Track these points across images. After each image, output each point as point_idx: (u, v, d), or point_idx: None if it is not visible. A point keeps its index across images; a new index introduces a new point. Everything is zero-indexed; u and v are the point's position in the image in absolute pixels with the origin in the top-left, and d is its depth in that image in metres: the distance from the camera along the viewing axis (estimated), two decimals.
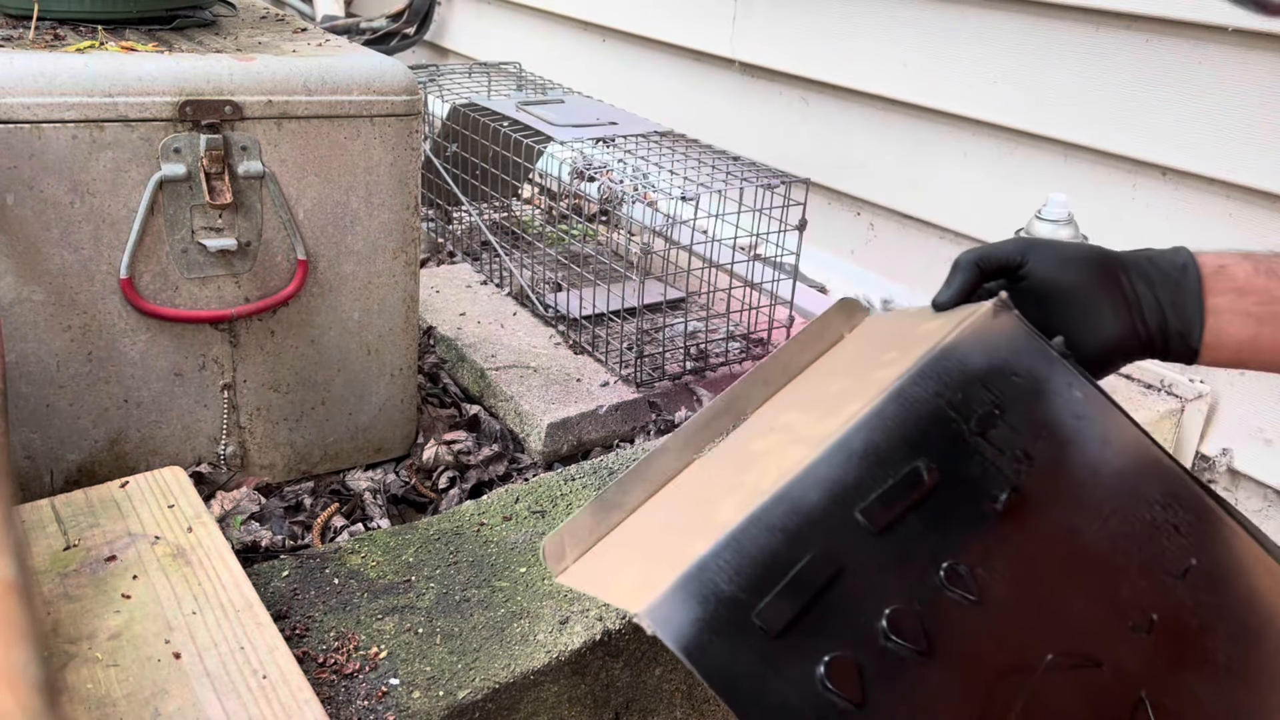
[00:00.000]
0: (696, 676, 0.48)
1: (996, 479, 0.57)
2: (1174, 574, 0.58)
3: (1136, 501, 0.59)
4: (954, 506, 0.56)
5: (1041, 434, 0.60)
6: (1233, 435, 1.26)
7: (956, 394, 0.59)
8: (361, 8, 2.77)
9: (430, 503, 1.07)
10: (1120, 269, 0.68)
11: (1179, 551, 0.59)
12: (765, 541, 0.52)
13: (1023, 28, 1.34)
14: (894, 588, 0.53)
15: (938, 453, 0.57)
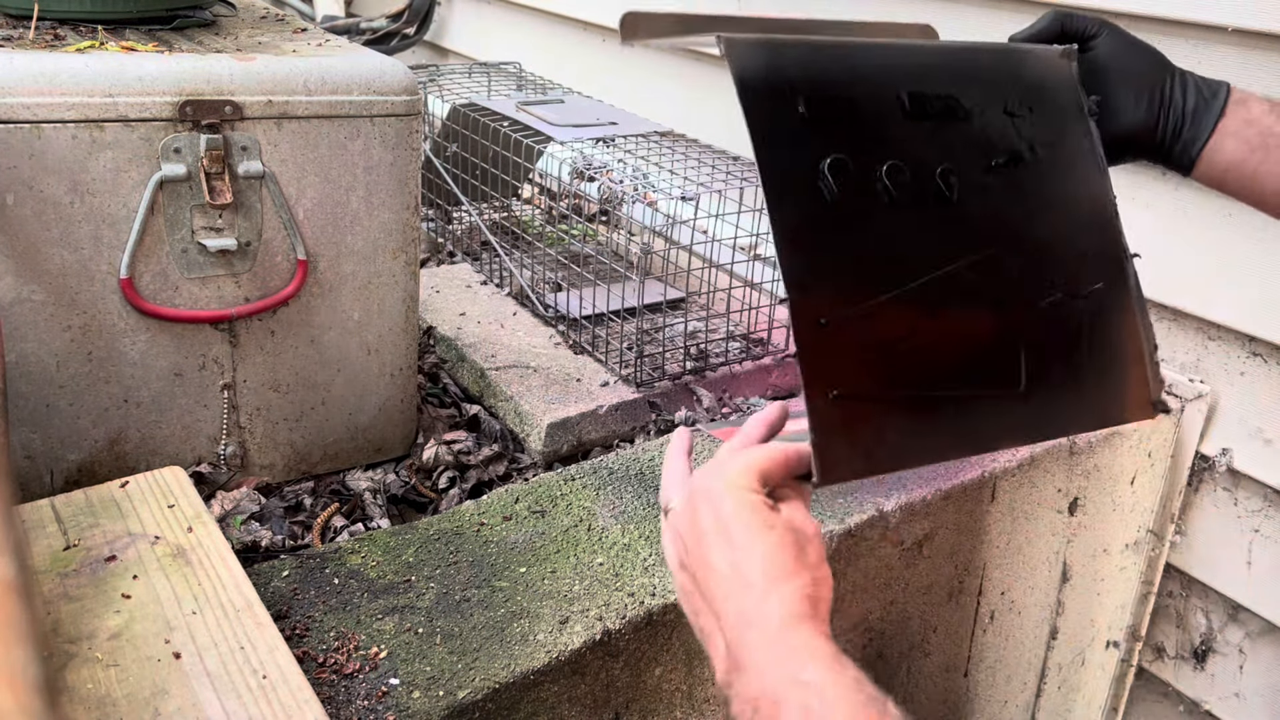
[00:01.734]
0: (741, 111, 0.61)
1: (1004, 144, 0.74)
2: (1070, 293, 0.76)
3: (1077, 229, 0.79)
4: (970, 140, 0.72)
5: (1050, 144, 0.77)
6: (1233, 435, 1.26)
7: (1009, 78, 0.79)
8: (361, 8, 2.77)
9: (430, 503, 1.07)
10: (1169, 73, 0.83)
11: (1080, 276, 0.77)
12: (834, 64, 0.69)
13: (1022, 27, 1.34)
14: (899, 151, 0.67)
15: (979, 99, 0.74)
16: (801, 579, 0.63)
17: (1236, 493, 1.27)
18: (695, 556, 0.66)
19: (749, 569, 0.63)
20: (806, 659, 0.59)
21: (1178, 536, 1.34)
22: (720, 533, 0.65)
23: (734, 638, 0.62)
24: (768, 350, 1.31)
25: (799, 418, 0.66)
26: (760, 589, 0.62)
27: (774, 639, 0.61)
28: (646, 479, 0.98)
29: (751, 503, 0.65)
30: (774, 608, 0.61)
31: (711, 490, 0.67)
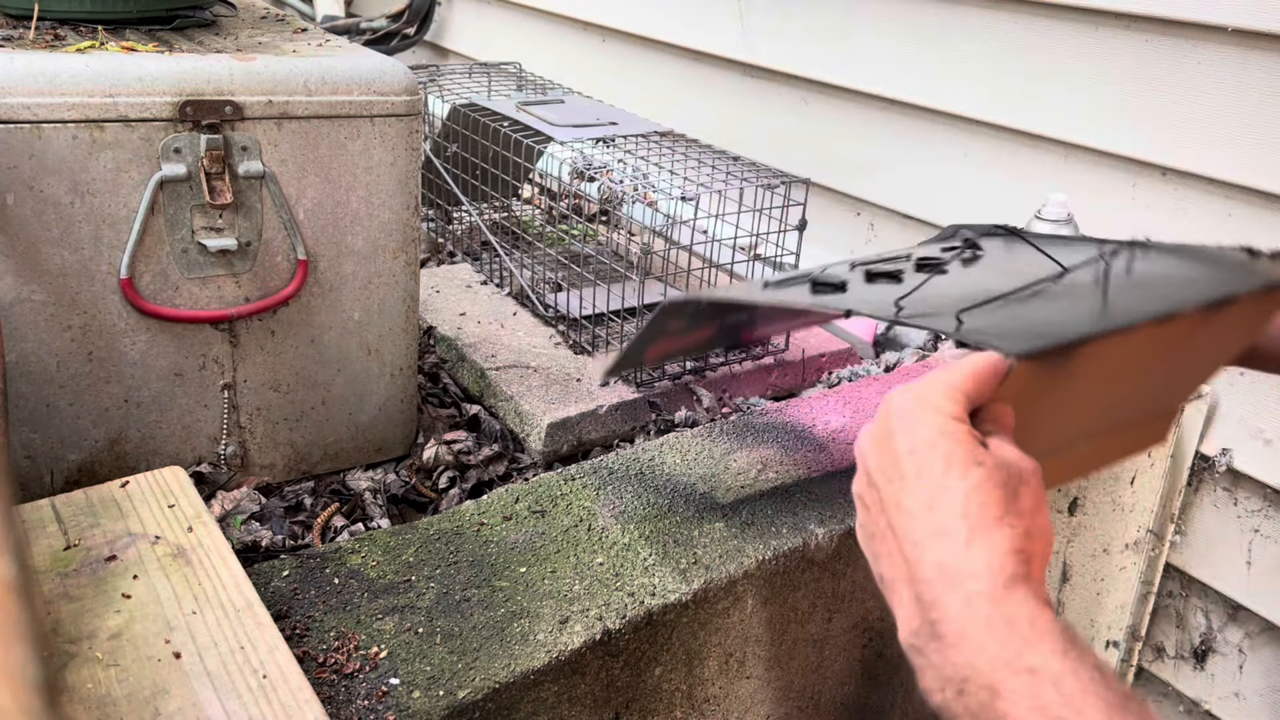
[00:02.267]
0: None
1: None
2: None
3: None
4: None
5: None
6: (1233, 435, 1.26)
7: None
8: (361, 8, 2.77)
9: (430, 503, 1.07)
10: None
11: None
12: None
13: (1023, 27, 1.34)
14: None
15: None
16: (1013, 528, 0.53)
17: (1236, 493, 1.27)
18: (883, 489, 0.58)
19: (947, 512, 0.53)
20: (1031, 638, 0.49)
21: (1178, 536, 1.34)
22: (914, 466, 0.56)
23: (930, 596, 0.52)
24: (768, 350, 1.31)
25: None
26: (962, 538, 0.52)
27: (984, 608, 0.51)
28: (646, 479, 0.98)
29: (954, 431, 0.56)
30: (979, 564, 0.52)
31: (907, 411, 0.58)
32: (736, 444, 1.05)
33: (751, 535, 0.90)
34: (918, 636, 0.53)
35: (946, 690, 0.51)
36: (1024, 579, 0.52)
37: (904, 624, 0.55)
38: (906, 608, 0.54)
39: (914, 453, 0.56)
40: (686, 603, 0.83)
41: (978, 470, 0.54)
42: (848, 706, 1.02)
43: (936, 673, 0.52)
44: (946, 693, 0.51)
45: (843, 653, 0.99)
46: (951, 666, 0.51)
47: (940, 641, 0.51)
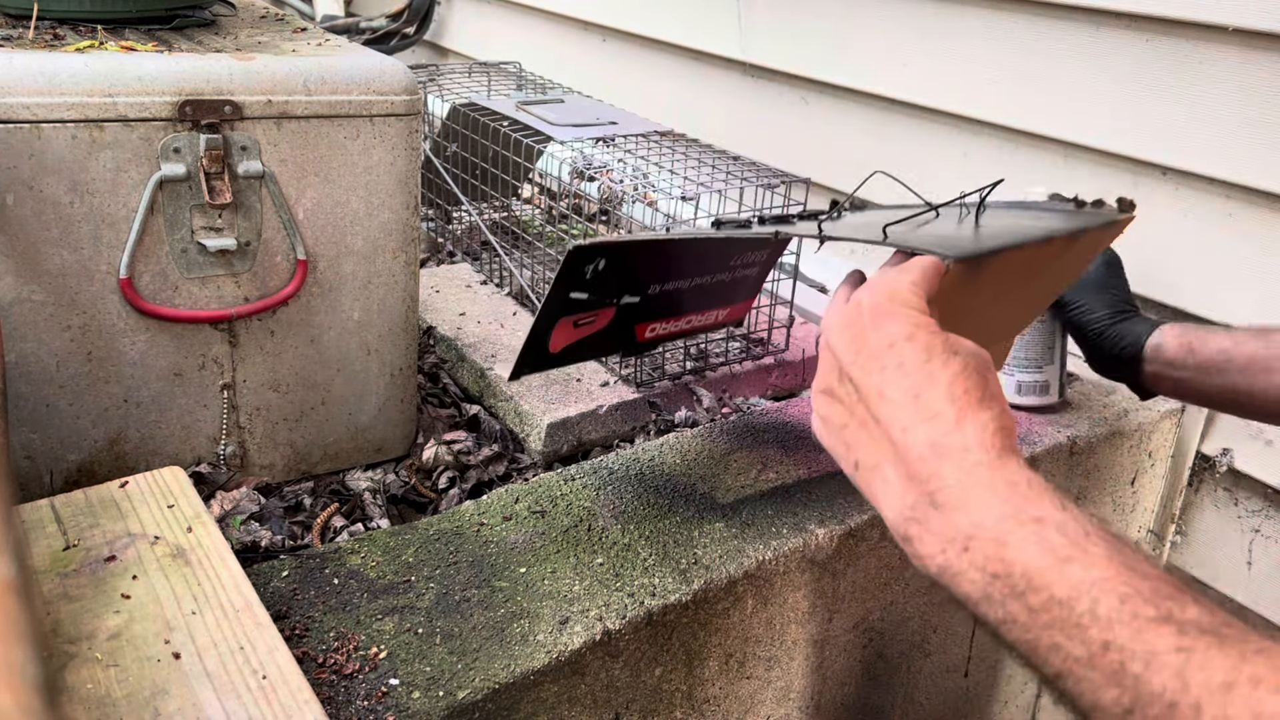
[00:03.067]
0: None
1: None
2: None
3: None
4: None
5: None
6: (1233, 435, 1.26)
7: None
8: (361, 7, 2.77)
9: (430, 503, 1.07)
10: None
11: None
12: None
13: (1023, 27, 1.34)
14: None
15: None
16: (993, 408, 0.57)
17: (1237, 493, 1.27)
18: (861, 381, 0.61)
19: (933, 397, 0.57)
20: (1031, 495, 0.53)
21: (1178, 537, 1.34)
22: (895, 358, 0.59)
23: (926, 471, 0.56)
24: (768, 350, 1.31)
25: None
26: (951, 418, 0.56)
27: (982, 473, 0.54)
28: (646, 479, 0.98)
29: (927, 324, 0.60)
30: (971, 438, 0.55)
31: (881, 309, 0.61)
32: (736, 444, 1.05)
33: (751, 535, 0.90)
34: (914, 509, 0.56)
35: (949, 550, 0.53)
36: (1013, 450, 0.56)
37: (894, 504, 0.57)
38: (897, 487, 0.57)
39: (893, 346, 0.60)
40: (686, 603, 0.82)
41: (956, 359, 0.58)
42: (848, 707, 1.02)
43: (937, 538, 0.54)
44: (949, 553, 0.53)
45: (843, 653, 0.99)
46: (954, 528, 0.54)
47: (940, 509, 0.54)
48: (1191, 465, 1.29)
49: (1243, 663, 0.43)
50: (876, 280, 0.65)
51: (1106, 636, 0.47)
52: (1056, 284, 0.97)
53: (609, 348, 0.97)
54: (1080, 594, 0.48)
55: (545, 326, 0.88)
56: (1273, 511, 1.24)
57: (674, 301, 0.98)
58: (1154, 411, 1.23)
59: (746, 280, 1.07)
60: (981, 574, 0.52)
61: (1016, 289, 0.86)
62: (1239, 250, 1.19)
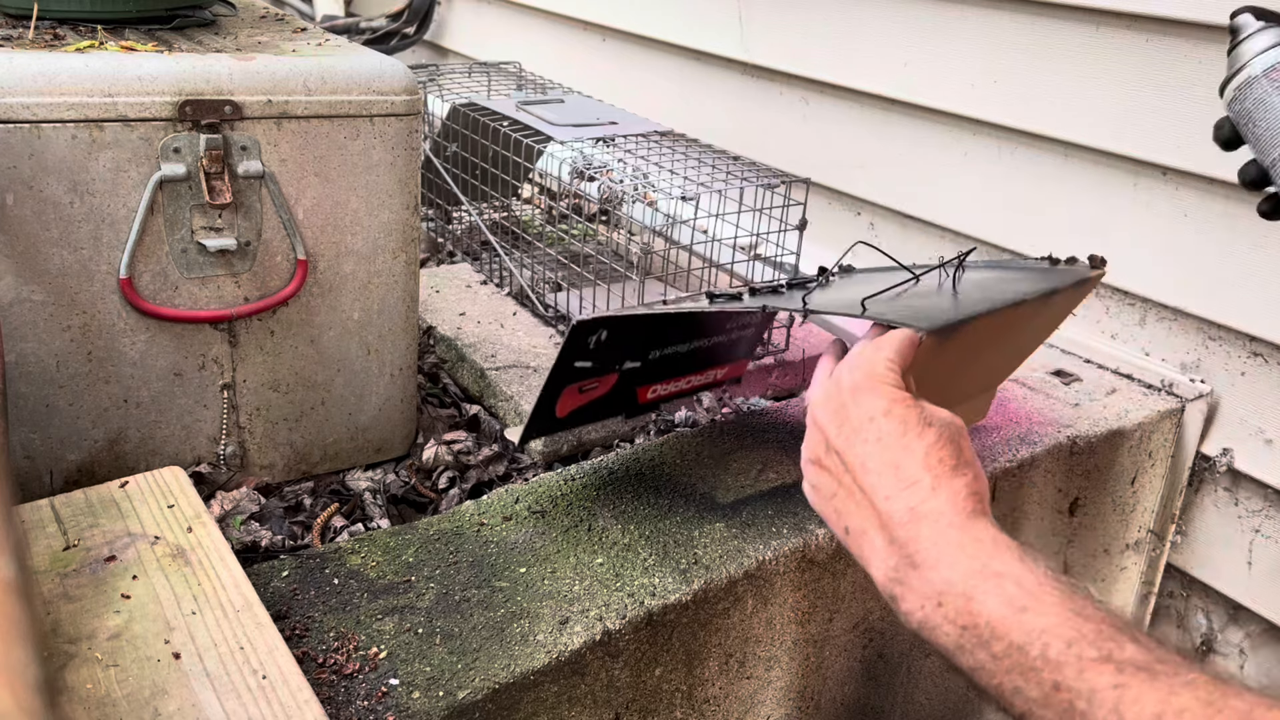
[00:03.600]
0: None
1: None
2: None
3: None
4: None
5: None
6: (1233, 435, 1.26)
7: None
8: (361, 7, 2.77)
9: (430, 503, 1.07)
10: None
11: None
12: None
13: (1023, 27, 1.34)
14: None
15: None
16: (966, 475, 0.63)
17: (1237, 493, 1.27)
18: (846, 454, 0.66)
19: (910, 467, 0.63)
20: (994, 551, 0.58)
21: (1178, 537, 1.34)
22: (875, 432, 0.65)
23: (905, 535, 0.61)
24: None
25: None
26: (928, 485, 0.62)
27: (953, 534, 0.60)
28: (646, 479, 0.98)
29: (903, 399, 0.66)
30: (945, 504, 0.61)
31: (860, 386, 0.67)
32: (736, 444, 1.05)
33: (751, 535, 0.90)
34: (897, 570, 0.61)
35: (926, 606, 0.59)
36: (983, 513, 0.62)
37: (880, 566, 0.63)
38: (881, 551, 0.63)
39: (873, 420, 0.65)
40: (686, 603, 0.82)
41: (930, 431, 0.64)
42: (848, 707, 1.02)
43: (916, 595, 0.59)
44: (926, 608, 0.59)
45: (843, 653, 0.99)
46: (929, 585, 0.59)
47: (918, 569, 0.60)
48: (1192, 465, 1.29)
49: (1171, 696, 0.48)
50: (855, 357, 0.70)
51: (1056, 677, 0.51)
52: (1034, 339, 1.04)
53: (611, 410, 1.01)
54: (1033, 639, 0.53)
55: (552, 394, 0.92)
56: (1273, 511, 1.24)
57: (673, 364, 1.02)
58: (1154, 411, 1.23)
59: (743, 340, 1.10)
60: (954, 627, 0.57)
61: (993, 347, 0.93)
62: (1238, 250, 1.19)
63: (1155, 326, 1.30)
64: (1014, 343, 0.99)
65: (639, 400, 1.01)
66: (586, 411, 0.97)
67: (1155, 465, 1.27)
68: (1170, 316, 1.29)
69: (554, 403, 0.93)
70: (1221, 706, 0.47)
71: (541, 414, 0.93)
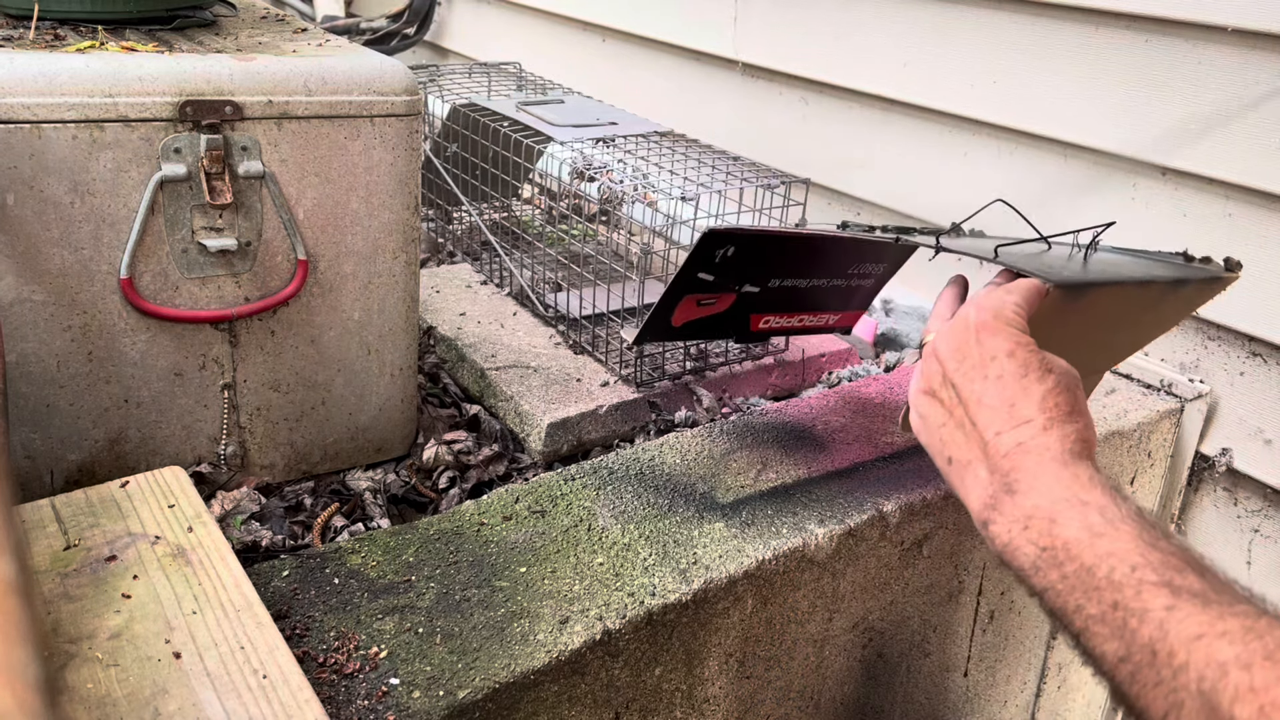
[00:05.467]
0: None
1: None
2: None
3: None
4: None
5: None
6: (1233, 435, 1.26)
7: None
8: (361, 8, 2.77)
9: (430, 503, 1.07)
10: None
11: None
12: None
13: (1022, 27, 1.34)
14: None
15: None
16: (1079, 422, 0.65)
17: (1236, 493, 1.27)
18: (963, 388, 0.68)
19: (1026, 407, 0.65)
20: (1087, 485, 0.61)
21: None
22: (995, 370, 0.67)
23: (1008, 464, 0.63)
24: (768, 350, 1.31)
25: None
26: (1040, 424, 0.64)
27: (1054, 467, 0.62)
28: (647, 479, 0.98)
29: (1027, 343, 0.67)
30: (1054, 441, 0.63)
31: (986, 325, 0.69)
32: (736, 444, 1.05)
33: (751, 535, 0.90)
34: (994, 498, 0.63)
35: (1013, 528, 0.61)
36: (1088, 456, 0.64)
37: (978, 495, 0.65)
38: (982, 481, 0.65)
39: (995, 359, 0.67)
40: (686, 603, 0.83)
41: (1050, 376, 0.66)
42: (848, 706, 1.02)
43: (1006, 519, 0.62)
44: (1013, 530, 0.61)
45: (843, 653, 0.99)
46: (1020, 509, 0.61)
47: (1013, 494, 0.62)
48: (1191, 465, 1.29)
49: (1218, 620, 0.50)
50: (983, 297, 0.72)
51: (1116, 596, 0.54)
52: (1151, 330, 1.01)
53: (723, 331, 1.01)
54: (1101, 562, 0.56)
55: (672, 300, 0.92)
56: (1272, 511, 1.24)
57: (791, 297, 1.01)
58: (1153, 411, 1.23)
59: (861, 290, 1.09)
60: (1034, 547, 0.60)
61: (1110, 326, 0.91)
62: (1238, 250, 1.19)
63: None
64: (1133, 326, 0.96)
65: (751, 327, 1.01)
66: (700, 326, 0.97)
67: (1154, 465, 1.27)
68: None
69: (671, 310, 0.92)
70: (1261, 632, 0.49)
71: (659, 318, 0.93)
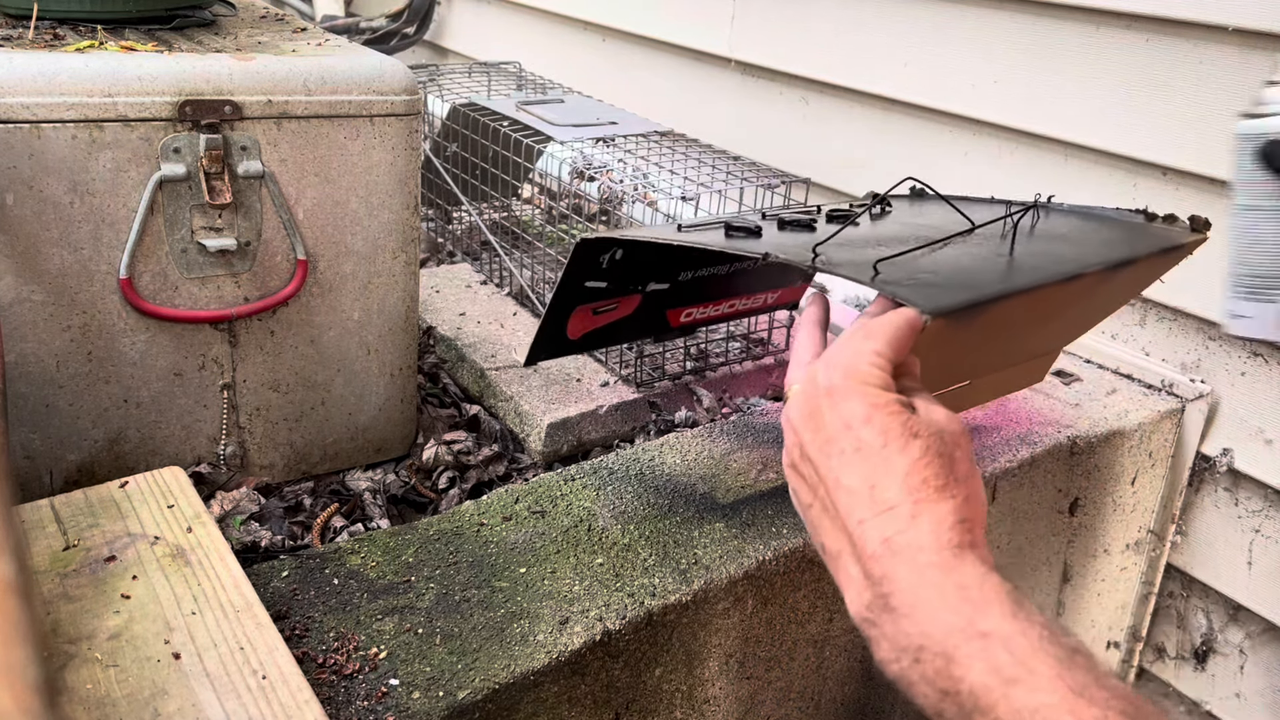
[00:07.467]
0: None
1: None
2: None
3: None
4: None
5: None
6: (1233, 435, 1.26)
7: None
8: (361, 7, 2.77)
9: (430, 503, 1.07)
10: None
11: None
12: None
13: (1023, 27, 1.34)
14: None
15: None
16: (954, 498, 0.54)
17: (1237, 493, 1.27)
18: (820, 465, 0.58)
19: (888, 488, 0.54)
20: (982, 604, 0.50)
21: (1178, 537, 1.34)
22: (852, 442, 0.56)
23: (879, 571, 0.53)
24: (768, 350, 1.31)
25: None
26: (906, 512, 0.53)
27: (933, 576, 0.51)
28: (646, 479, 0.98)
29: (886, 403, 0.56)
30: (926, 536, 0.53)
31: (837, 389, 0.58)
32: (736, 444, 1.05)
33: (751, 535, 0.90)
34: (870, 610, 0.54)
35: (902, 659, 0.51)
36: (970, 545, 0.53)
37: (854, 598, 0.55)
38: (856, 583, 0.55)
39: (849, 428, 0.57)
40: (687, 603, 0.82)
41: (916, 444, 0.55)
42: (848, 707, 1.02)
43: (891, 643, 0.52)
44: (903, 662, 0.51)
45: (843, 653, 0.99)
46: (906, 636, 0.51)
47: (893, 614, 0.52)
48: (1192, 465, 1.29)
49: None
50: (837, 349, 0.61)
51: None
52: (1109, 304, 0.92)
53: (639, 333, 0.94)
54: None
55: (560, 314, 0.86)
56: (1273, 512, 1.24)
57: (713, 286, 0.94)
58: (1154, 411, 1.23)
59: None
60: (932, 688, 0.50)
61: (1047, 319, 0.82)
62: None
63: (1155, 326, 1.30)
64: (1078, 310, 0.86)
65: (671, 324, 0.94)
66: (605, 333, 0.90)
67: (1155, 465, 1.27)
68: (1170, 316, 1.29)
69: (564, 323, 0.86)
70: None
71: (550, 334, 0.86)
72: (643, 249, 0.84)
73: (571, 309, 0.85)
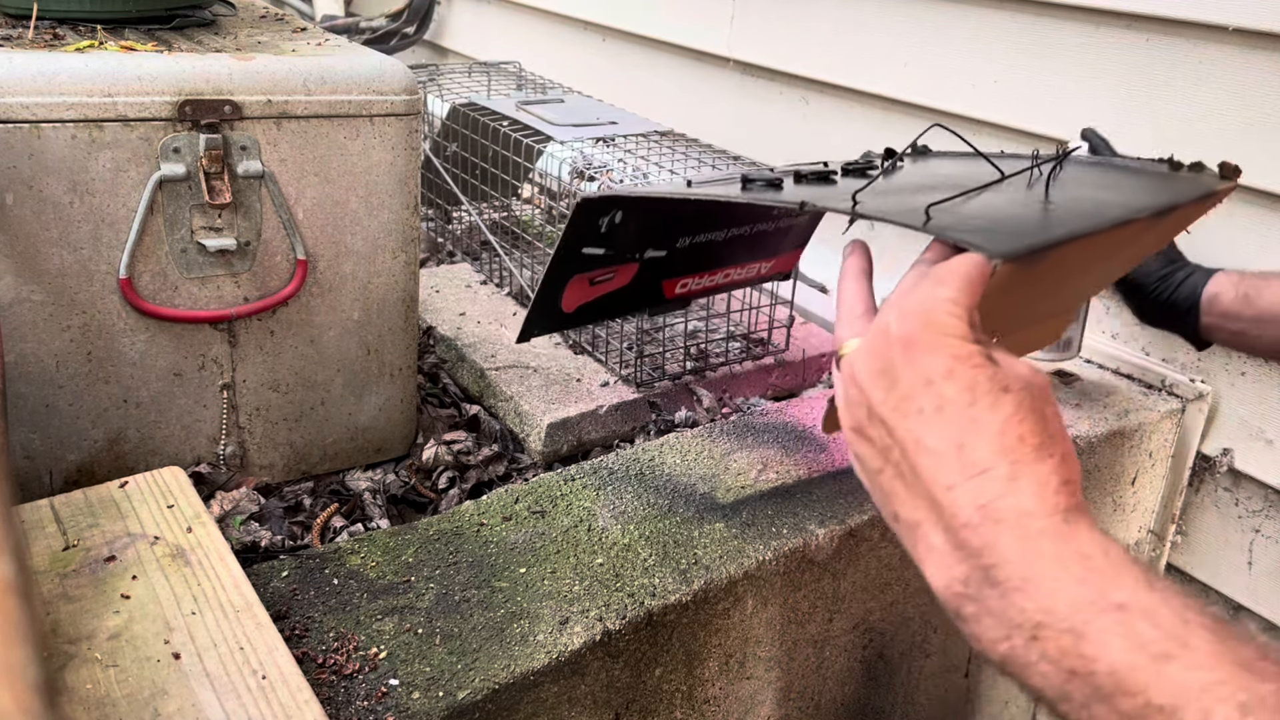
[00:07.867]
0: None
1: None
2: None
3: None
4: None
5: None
6: (1233, 435, 1.25)
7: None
8: (361, 7, 2.77)
9: (430, 503, 1.07)
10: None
11: None
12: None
13: (1023, 27, 1.34)
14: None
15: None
16: (1052, 457, 0.48)
17: (1237, 493, 1.27)
18: (895, 426, 0.52)
19: (980, 449, 0.48)
20: (1111, 573, 0.44)
21: (1178, 537, 1.34)
22: (933, 400, 0.50)
23: (976, 540, 0.47)
24: (768, 350, 1.31)
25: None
26: (1004, 473, 0.47)
27: (1048, 546, 0.46)
28: (646, 479, 0.98)
29: (970, 356, 0.50)
30: (1030, 500, 0.47)
31: (914, 340, 0.52)
32: (736, 444, 1.05)
33: (751, 535, 0.90)
34: (967, 585, 0.47)
35: (1015, 638, 0.45)
36: (1082, 509, 0.47)
37: (941, 572, 0.49)
38: (943, 554, 0.49)
39: (931, 384, 0.51)
40: (687, 603, 0.82)
41: (1007, 399, 0.49)
42: (848, 707, 1.02)
43: (999, 620, 0.46)
44: (1014, 640, 0.45)
45: (843, 653, 0.99)
46: (1020, 613, 0.45)
47: (999, 588, 0.46)
48: (1192, 465, 1.29)
49: None
50: (906, 296, 0.54)
51: None
52: (1134, 258, 0.86)
53: (633, 305, 0.88)
54: (1187, 702, 0.40)
55: (556, 285, 0.80)
56: (1273, 511, 1.24)
57: (708, 254, 0.89)
58: (1154, 411, 1.23)
59: (794, 229, 0.95)
60: (1055, 669, 0.44)
61: (1083, 271, 0.77)
62: (1238, 249, 1.19)
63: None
64: (1107, 264, 0.81)
65: (666, 295, 0.89)
66: (601, 306, 0.85)
67: (1155, 465, 1.27)
68: None
69: (559, 294, 0.81)
70: None
71: (544, 307, 0.81)
72: (644, 210, 0.78)
73: (568, 279, 0.80)
